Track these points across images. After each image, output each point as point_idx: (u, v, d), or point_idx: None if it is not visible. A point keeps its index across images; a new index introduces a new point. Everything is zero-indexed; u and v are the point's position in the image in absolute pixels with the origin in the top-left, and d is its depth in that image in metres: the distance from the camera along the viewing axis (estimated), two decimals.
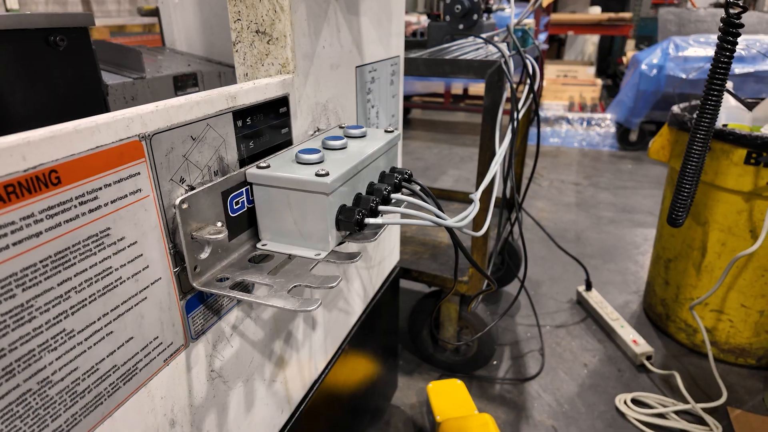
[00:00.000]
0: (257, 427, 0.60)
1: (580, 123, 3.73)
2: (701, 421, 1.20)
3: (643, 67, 3.10)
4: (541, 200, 2.57)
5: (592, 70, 4.77)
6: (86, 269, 0.34)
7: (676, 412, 1.22)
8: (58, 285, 0.33)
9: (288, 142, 0.57)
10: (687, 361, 1.42)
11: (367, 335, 0.97)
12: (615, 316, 1.54)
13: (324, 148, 0.54)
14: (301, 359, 0.69)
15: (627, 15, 4.45)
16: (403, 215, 0.52)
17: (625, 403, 1.26)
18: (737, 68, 2.96)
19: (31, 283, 0.31)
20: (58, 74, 0.61)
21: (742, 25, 0.61)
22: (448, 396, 1.16)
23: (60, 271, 0.32)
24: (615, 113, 3.40)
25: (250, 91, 0.49)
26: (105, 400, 0.38)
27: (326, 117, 0.66)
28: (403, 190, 0.60)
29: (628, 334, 1.46)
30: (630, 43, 5.17)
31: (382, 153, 0.59)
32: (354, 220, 0.49)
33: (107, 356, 0.37)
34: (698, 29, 3.88)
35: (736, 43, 0.63)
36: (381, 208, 0.53)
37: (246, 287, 0.50)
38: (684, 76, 3.00)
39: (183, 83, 0.84)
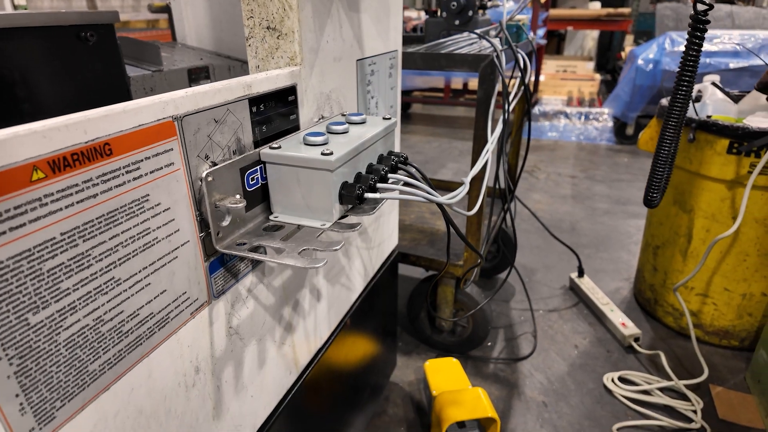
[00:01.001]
0: (268, 385, 0.67)
1: (578, 117, 3.78)
2: (684, 398, 1.26)
3: (640, 62, 3.15)
4: (537, 192, 2.63)
5: (591, 65, 4.82)
6: (130, 228, 0.41)
7: (661, 389, 1.29)
8: (109, 239, 0.39)
9: (296, 128, 0.64)
10: (673, 343, 1.48)
11: (368, 312, 1.04)
12: (605, 300, 1.61)
13: (328, 132, 0.61)
14: (307, 327, 0.76)
15: (626, 10, 4.49)
16: (399, 191, 0.59)
17: (612, 381, 1.33)
18: (732, 63, 3.02)
19: (90, 236, 0.37)
20: (88, 67, 0.67)
21: (708, 21, 0.67)
22: (444, 373, 1.23)
23: (111, 228, 0.39)
24: (612, 108, 3.45)
25: (263, 80, 0.55)
26: (144, 341, 0.44)
27: (330, 106, 0.72)
28: (399, 171, 0.66)
29: (618, 317, 1.53)
30: (629, 39, 5.21)
31: (380, 138, 0.65)
32: (355, 194, 0.55)
33: (146, 304, 0.44)
34: None
35: (704, 38, 0.69)
36: (379, 185, 0.59)
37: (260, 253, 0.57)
38: None
39: (196, 75, 0.90)
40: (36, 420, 0.35)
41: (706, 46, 3.12)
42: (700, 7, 0.66)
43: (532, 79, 4.27)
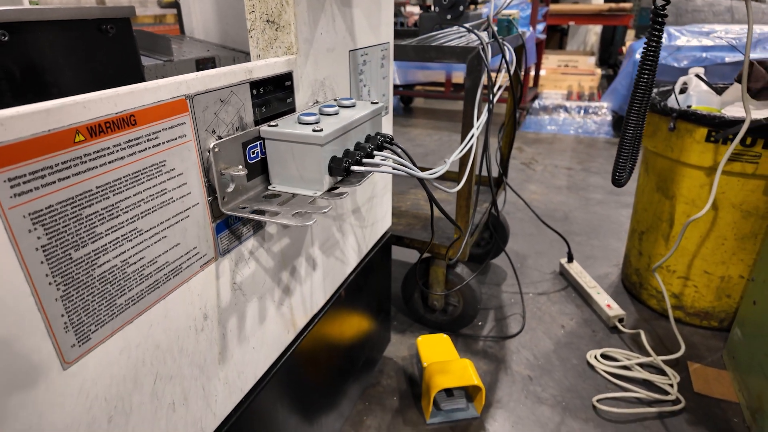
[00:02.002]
0: (268, 340, 0.76)
1: (578, 111, 3.84)
2: (662, 373, 1.34)
3: (637, 56, 3.20)
4: (533, 183, 2.70)
5: (592, 59, 4.86)
6: (150, 187, 0.49)
7: (640, 365, 1.36)
8: (134, 195, 0.47)
9: (292, 110, 0.72)
10: (656, 323, 1.56)
11: (362, 287, 1.12)
12: (593, 284, 1.68)
13: (320, 113, 0.69)
14: (303, 292, 0.84)
15: (627, 5, 4.53)
16: (383, 166, 0.67)
17: (595, 357, 1.40)
18: (728, 57, 3.06)
19: (118, 191, 0.46)
20: (108, 56, 0.75)
21: (666, 15, 0.74)
22: (435, 347, 1.31)
23: (135, 186, 0.47)
24: (609, 101, 3.51)
25: (262, 67, 0.63)
26: (161, 285, 0.52)
27: (323, 92, 0.80)
28: (385, 150, 0.74)
29: (603, 299, 1.60)
30: (631, 33, 5.25)
31: (368, 119, 0.73)
32: (342, 167, 0.63)
33: (163, 253, 0.52)
34: (695, 19, 3.97)
35: (663, 30, 0.76)
36: (365, 160, 0.67)
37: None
38: (676, 65, 3.10)
39: (203, 66, 0.98)
40: (76, 338, 0.44)
41: (703, 42, 3.18)
42: (659, 2, 0.73)
43: (532, 72, 4.32)
